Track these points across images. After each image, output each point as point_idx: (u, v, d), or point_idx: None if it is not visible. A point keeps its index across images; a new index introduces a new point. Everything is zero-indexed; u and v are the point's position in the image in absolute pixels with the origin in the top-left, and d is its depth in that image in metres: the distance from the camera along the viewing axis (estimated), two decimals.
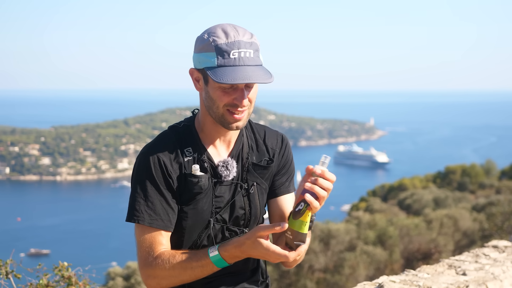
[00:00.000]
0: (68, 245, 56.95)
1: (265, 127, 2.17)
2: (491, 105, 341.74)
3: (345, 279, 16.96)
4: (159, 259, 1.91)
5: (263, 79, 1.85)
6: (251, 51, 1.88)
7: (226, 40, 1.86)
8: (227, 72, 1.83)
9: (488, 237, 16.79)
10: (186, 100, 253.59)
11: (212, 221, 2.00)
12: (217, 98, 1.91)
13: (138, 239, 1.96)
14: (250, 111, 1.96)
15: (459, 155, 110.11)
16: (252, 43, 1.89)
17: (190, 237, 1.99)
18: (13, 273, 3.64)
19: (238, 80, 1.81)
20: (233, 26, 1.89)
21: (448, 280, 3.15)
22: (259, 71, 1.87)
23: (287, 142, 2.18)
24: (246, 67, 1.85)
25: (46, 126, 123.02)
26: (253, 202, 2.06)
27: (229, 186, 2.03)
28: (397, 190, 38.82)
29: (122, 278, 17.25)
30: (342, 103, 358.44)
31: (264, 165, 2.08)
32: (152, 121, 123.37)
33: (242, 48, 1.86)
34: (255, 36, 1.93)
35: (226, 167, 2.00)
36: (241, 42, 1.86)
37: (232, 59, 1.85)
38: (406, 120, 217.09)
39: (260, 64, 1.90)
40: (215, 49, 1.86)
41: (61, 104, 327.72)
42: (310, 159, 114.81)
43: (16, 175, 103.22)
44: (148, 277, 1.94)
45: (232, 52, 1.85)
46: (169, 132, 2.04)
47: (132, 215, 1.95)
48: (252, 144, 2.10)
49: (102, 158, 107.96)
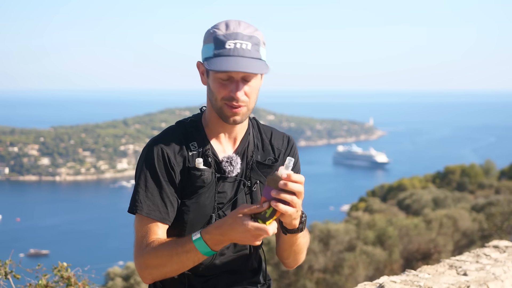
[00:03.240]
0: (67, 246, 56.96)
1: (272, 128, 2.18)
2: (490, 105, 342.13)
3: (344, 279, 16.97)
4: (149, 247, 1.89)
5: (254, 69, 1.84)
6: (249, 44, 1.87)
7: (224, 31, 1.87)
8: (220, 61, 1.84)
9: (488, 237, 16.81)
10: (186, 100, 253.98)
11: (214, 217, 1.99)
12: (216, 90, 1.91)
13: (135, 229, 1.96)
14: (250, 106, 1.95)
15: (458, 155, 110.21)
16: (252, 36, 1.88)
17: (191, 232, 1.97)
18: (12, 274, 3.64)
19: (227, 68, 1.82)
20: (239, 21, 1.90)
21: (449, 280, 3.15)
22: (253, 63, 1.86)
23: (293, 143, 2.18)
24: (239, 58, 1.84)
25: (45, 126, 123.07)
26: (256, 200, 2.06)
27: (233, 183, 2.02)
28: (396, 190, 38.84)
29: (121, 279, 17.25)
30: (342, 103, 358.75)
31: (268, 164, 2.08)
32: (152, 121, 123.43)
33: (239, 39, 1.86)
34: (261, 33, 1.93)
35: (230, 162, 2.00)
36: (239, 34, 1.87)
37: (227, 49, 1.85)
38: (406, 120, 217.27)
39: (258, 58, 1.89)
40: (213, 40, 1.88)
41: (60, 104, 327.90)
42: (310, 159, 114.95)
43: (15, 175, 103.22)
44: (141, 268, 1.92)
45: (228, 42, 1.85)
46: (176, 127, 2.05)
47: (132, 206, 1.96)
48: (257, 143, 2.10)
49: (101, 158, 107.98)
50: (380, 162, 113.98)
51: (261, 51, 1.91)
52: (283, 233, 1.96)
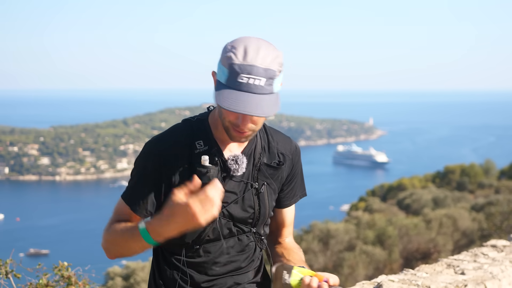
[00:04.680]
0: (67, 245, 56.95)
1: (279, 132, 2.18)
2: (490, 105, 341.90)
3: (344, 279, 16.97)
4: (112, 227, 2.00)
5: (262, 112, 1.80)
6: (263, 79, 1.81)
7: (241, 60, 1.81)
8: (229, 97, 1.80)
9: (487, 237, 16.79)
10: (186, 100, 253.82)
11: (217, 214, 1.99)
12: (224, 112, 1.90)
13: (113, 209, 2.08)
14: (257, 129, 1.93)
15: (458, 155, 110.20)
16: (267, 69, 1.82)
17: (195, 229, 1.95)
18: (13, 273, 3.65)
19: (235, 109, 1.78)
20: (257, 46, 1.84)
21: (446, 279, 3.16)
22: (263, 102, 1.81)
23: (299, 151, 2.19)
24: (250, 96, 1.80)
25: (45, 126, 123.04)
26: (263, 202, 2.05)
27: (239, 183, 2.02)
28: (396, 190, 38.81)
29: (121, 278, 17.26)
30: (341, 103, 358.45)
31: (274, 166, 2.08)
32: (151, 121, 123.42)
33: (254, 74, 1.80)
34: (280, 56, 1.87)
35: (235, 161, 1.99)
36: (254, 68, 1.80)
37: (239, 83, 1.80)
38: (405, 120, 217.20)
39: (270, 92, 1.85)
40: (228, 67, 1.83)
41: (60, 104, 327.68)
42: (310, 158, 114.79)
43: (15, 175, 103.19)
44: (102, 243, 2.02)
45: (241, 75, 1.80)
46: (182, 125, 2.05)
47: (122, 193, 2.07)
48: (264, 145, 2.10)
49: (101, 158, 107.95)
50: (380, 161, 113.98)
51: (276, 82, 1.86)
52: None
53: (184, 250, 2.02)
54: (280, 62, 1.87)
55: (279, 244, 2.21)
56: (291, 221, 2.24)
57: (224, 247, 2.03)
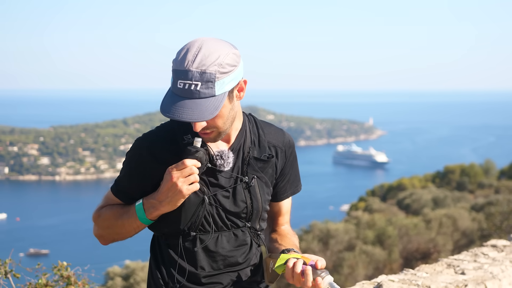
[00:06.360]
0: (67, 245, 56.99)
1: (272, 125, 2.18)
2: (490, 105, 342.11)
3: (344, 279, 16.97)
4: (103, 208, 2.10)
5: (197, 117, 1.80)
6: (198, 84, 1.80)
7: (178, 66, 1.83)
8: (168, 100, 1.85)
9: (487, 237, 16.79)
10: None
11: (206, 199, 1.99)
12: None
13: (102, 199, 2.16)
14: (222, 128, 1.93)
15: (458, 155, 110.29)
16: (204, 73, 1.80)
17: (186, 214, 1.99)
18: (12, 273, 3.65)
19: (168, 113, 1.82)
20: (197, 49, 1.83)
21: (447, 279, 3.16)
22: (200, 106, 1.81)
23: (293, 143, 2.20)
24: (184, 101, 1.81)
25: (45, 126, 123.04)
26: (255, 195, 2.06)
27: (229, 179, 2.03)
28: (396, 189, 38.83)
29: (121, 278, 17.27)
30: (341, 103, 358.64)
31: (264, 159, 2.08)
32: (151, 121, 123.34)
33: (189, 79, 1.80)
34: (223, 59, 1.82)
35: (221, 156, 2.01)
36: (189, 72, 1.80)
37: (177, 89, 1.83)
38: (405, 120, 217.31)
39: (210, 96, 1.83)
40: (172, 72, 1.87)
41: (60, 104, 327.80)
42: (310, 158, 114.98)
43: (15, 175, 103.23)
44: (94, 229, 2.11)
45: (178, 81, 1.82)
46: (170, 122, 2.08)
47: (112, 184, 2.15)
48: (254, 139, 2.10)
49: (101, 158, 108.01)
50: (380, 161, 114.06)
51: (218, 85, 1.83)
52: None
53: (181, 240, 2.02)
54: (224, 63, 1.83)
55: (274, 232, 2.23)
56: (288, 210, 2.25)
57: (220, 241, 2.04)
